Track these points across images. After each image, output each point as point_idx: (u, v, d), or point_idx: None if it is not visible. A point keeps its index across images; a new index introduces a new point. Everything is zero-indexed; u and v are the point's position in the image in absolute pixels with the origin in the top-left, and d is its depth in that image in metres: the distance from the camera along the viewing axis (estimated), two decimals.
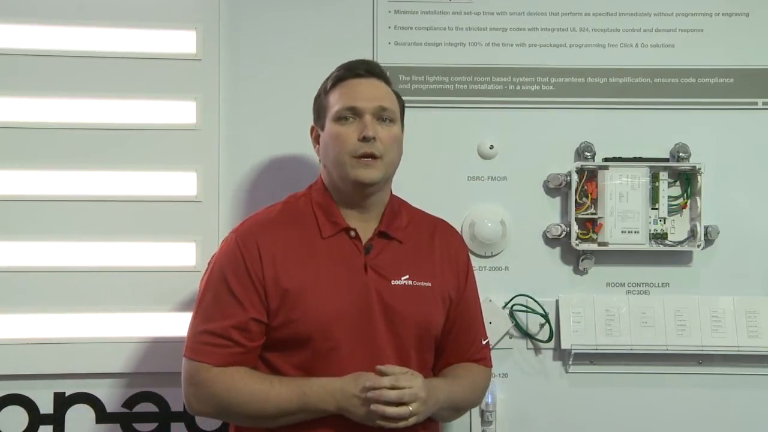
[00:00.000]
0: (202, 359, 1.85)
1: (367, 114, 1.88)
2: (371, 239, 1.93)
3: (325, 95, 1.95)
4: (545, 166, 2.40)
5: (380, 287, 1.89)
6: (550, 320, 2.38)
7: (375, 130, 1.87)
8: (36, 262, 2.29)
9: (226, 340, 1.84)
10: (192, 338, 1.88)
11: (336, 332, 1.85)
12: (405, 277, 1.92)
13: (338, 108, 1.89)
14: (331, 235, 1.91)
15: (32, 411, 2.31)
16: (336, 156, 1.89)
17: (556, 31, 2.43)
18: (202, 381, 1.85)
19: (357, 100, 1.89)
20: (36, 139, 2.30)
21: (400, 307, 1.89)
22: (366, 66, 1.95)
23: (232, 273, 1.87)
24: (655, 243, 2.39)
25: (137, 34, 2.34)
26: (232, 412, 1.87)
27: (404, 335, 1.90)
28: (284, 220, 1.93)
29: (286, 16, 2.39)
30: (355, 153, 1.87)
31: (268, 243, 1.88)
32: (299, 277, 1.86)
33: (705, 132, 2.42)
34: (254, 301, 1.85)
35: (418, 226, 2.01)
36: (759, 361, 2.39)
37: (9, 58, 2.30)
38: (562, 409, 2.40)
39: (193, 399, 1.87)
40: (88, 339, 2.30)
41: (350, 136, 1.87)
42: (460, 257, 2.04)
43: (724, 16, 2.45)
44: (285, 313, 1.85)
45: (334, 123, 1.90)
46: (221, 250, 1.93)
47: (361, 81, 1.92)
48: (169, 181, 2.34)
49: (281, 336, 1.86)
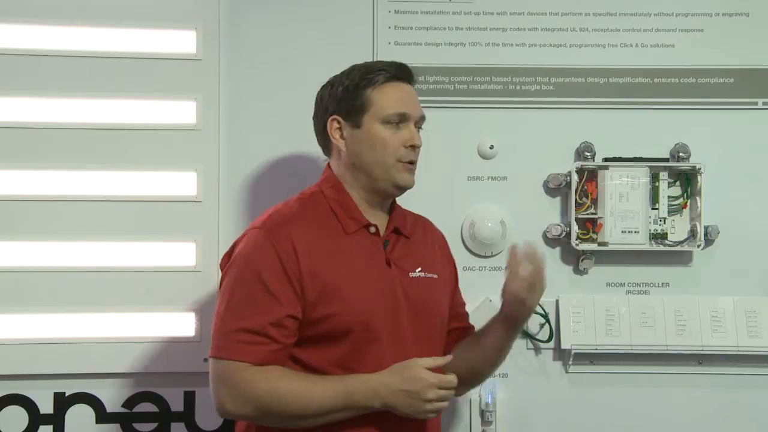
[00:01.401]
0: (239, 358, 1.78)
1: (412, 121, 1.94)
2: (387, 235, 1.95)
3: (367, 90, 1.92)
4: (545, 166, 2.41)
5: (403, 280, 1.92)
6: (550, 320, 2.38)
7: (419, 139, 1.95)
8: (36, 262, 2.29)
9: (264, 337, 1.78)
10: (223, 337, 1.80)
11: (375, 325, 1.85)
12: (418, 269, 1.95)
13: (391, 112, 1.91)
14: (354, 231, 1.91)
15: (32, 411, 2.31)
16: (380, 158, 1.91)
17: (556, 31, 2.43)
18: (240, 381, 1.78)
19: (409, 107, 1.93)
20: (36, 139, 2.30)
21: (421, 298, 1.93)
22: (408, 70, 1.97)
23: (266, 268, 1.81)
24: (655, 243, 2.39)
25: (137, 34, 2.34)
26: (273, 413, 1.80)
27: (427, 325, 1.94)
28: (307, 216, 1.91)
29: (286, 16, 2.39)
30: (403, 159, 1.91)
31: (300, 237, 1.85)
32: (334, 270, 1.85)
33: (705, 132, 2.42)
34: (290, 296, 1.81)
35: (413, 221, 2.05)
36: (759, 361, 2.39)
37: (9, 58, 2.30)
38: (562, 409, 2.40)
39: (229, 400, 1.79)
40: (88, 339, 2.30)
41: (397, 140, 1.91)
42: (446, 247, 2.13)
43: (724, 16, 2.45)
44: (323, 306, 1.83)
45: (383, 126, 1.91)
46: (248, 247, 1.86)
47: (407, 86, 1.96)
48: (169, 181, 2.34)
49: (319, 331, 1.83)
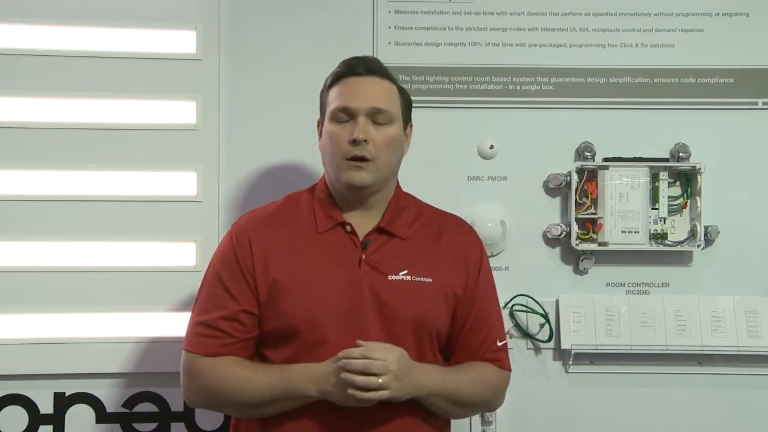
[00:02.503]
0: (193, 349, 1.88)
1: (360, 115, 1.85)
2: (368, 235, 1.90)
3: (326, 91, 1.93)
4: (545, 166, 2.41)
5: (374, 282, 1.86)
6: (550, 320, 2.38)
7: (367, 132, 1.84)
8: (36, 262, 2.29)
9: (216, 330, 1.86)
10: (188, 331, 1.91)
11: (323, 325, 1.83)
12: (403, 272, 1.88)
13: (333, 107, 1.87)
14: (326, 229, 1.90)
15: (32, 411, 2.31)
16: (331, 156, 1.88)
17: (556, 31, 2.43)
18: (193, 371, 1.87)
19: (351, 100, 1.86)
20: (36, 139, 2.30)
21: (394, 302, 1.85)
22: (365, 64, 1.91)
23: (224, 266, 1.89)
24: (655, 243, 2.39)
25: (137, 34, 2.34)
26: (221, 401, 1.88)
27: (399, 331, 1.84)
28: (281, 215, 1.93)
29: (286, 16, 2.39)
30: (346, 155, 1.84)
31: (260, 237, 1.89)
32: (290, 270, 1.86)
33: (705, 132, 2.42)
34: (245, 292, 1.87)
35: (426, 223, 1.97)
36: (759, 361, 2.39)
37: (9, 58, 2.30)
38: (562, 409, 2.40)
39: (187, 390, 1.90)
40: (88, 339, 2.30)
41: (343, 137, 1.85)
42: (471, 253, 1.96)
43: (724, 16, 2.45)
44: (274, 305, 1.85)
45: (330, 122, 1.88)
46: (218, 247, 1.98)
47: (360, 80, 1.88)
48: (169, 181, 2.34)
49: (271, 329, 1.87)
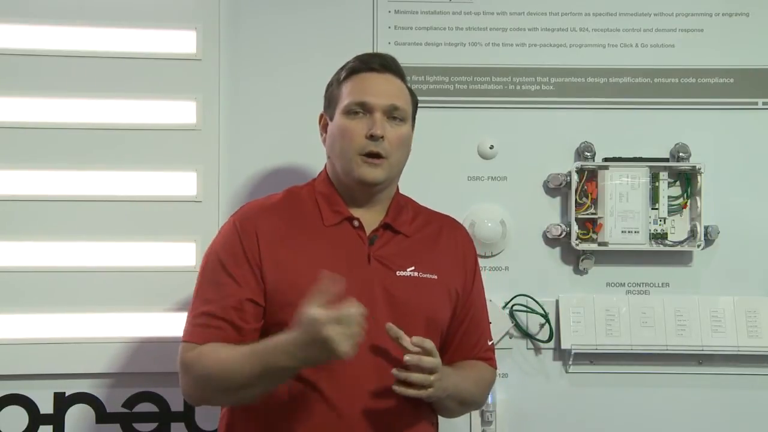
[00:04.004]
0: (190, 339, 1.79)
1: (377, 111, 1.83)
2: (376, 230, 1.89)
3: (338, 85, 1.90)
4: (545, 166, 2.41)
5: (385, 278, 1.84)
6: (550, 320, 2.38)
7: (384, 129, 1.82)
8: (36, 262, 2.29)
9: (221, 320, 1.77)
10: (188, 322, 1.82)
11: None
12: (411, 268, 1.87)
13: (349, 101, 1.85)
14: (333, 223, 1.87)
15: (32, 411, 2.31)
16: (342, 151, 1.85)
17: (556, 31, 2.43)
18: (186, 362, 1.77)
19: (368, 95, 1.84)
20: (36, 139, 2.30)
21: (406, 298, 1.83)
22: (381, 60, 1.90)
23: (228, 254, 1.81)
24: (655, 243, 2.39)
25: (137, 34, 2.34)
26: (213, 390, 1.75)
27: (412, 328, 1.77)
28: (284, 207, 1.89)
29: (286, 16, 2.39)
30: (362, 151, 1.82)
31: (266, 226, 1.83)
32: (298, 261, 1.80)
33: (705, 132, 2.42)
34: (250, 281, 1.79)
35: (425, 221, 1.97)
36: (759, 361, 2.39)
37: (9, 58, 2.30)
38: (562, 409, 2.40)
39: (183, 385, 1.80)
40: (88, 339, 2.29)
41: (358, 132, 1.82)
42: (468, 255, 1.98)
43: (724, 16, 2.45)
44: (282, 296, 1.79)
45: (343, 116, 1.85)
46: (217, 236, 1.89)
47: (375, 75, 1.87)
48: (169, 181, 2.34)
49: (278, 320, 1.76)
